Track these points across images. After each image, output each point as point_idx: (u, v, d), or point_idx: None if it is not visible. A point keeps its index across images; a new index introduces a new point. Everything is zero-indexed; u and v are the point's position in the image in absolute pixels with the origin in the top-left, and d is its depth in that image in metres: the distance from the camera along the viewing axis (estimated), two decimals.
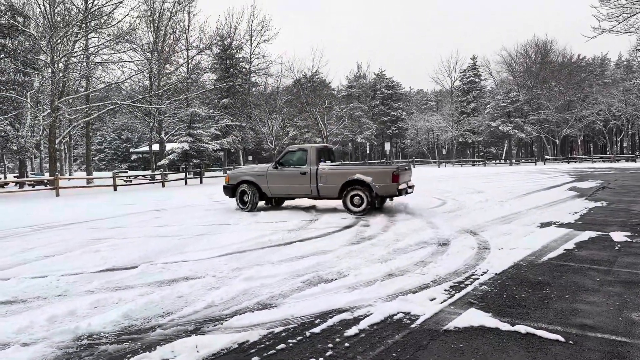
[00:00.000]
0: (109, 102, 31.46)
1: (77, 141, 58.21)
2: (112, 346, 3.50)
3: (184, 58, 38.42)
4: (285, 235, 8.09)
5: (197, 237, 8.26)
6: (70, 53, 27.20)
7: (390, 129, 68.52)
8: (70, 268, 6.06)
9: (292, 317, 4.03)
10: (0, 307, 4.54)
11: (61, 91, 26.40)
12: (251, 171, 12.97)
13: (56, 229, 10.03)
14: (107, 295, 4.77)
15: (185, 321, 4.02)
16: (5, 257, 6.97)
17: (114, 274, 5.73)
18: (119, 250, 7.20)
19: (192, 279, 5.37)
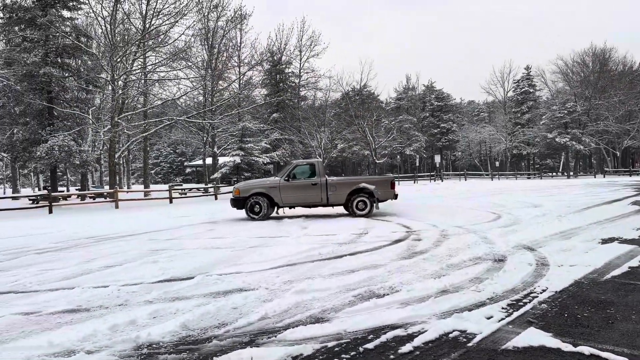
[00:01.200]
0: (165, 118, 32.72)
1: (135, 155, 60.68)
2: (170, 356, 3.60)
3: (236, 74, 39.49)
4: (335, 249, 8.09)
5: (250, 249, 8.40)
6: (130, 71, 28.52)
7: (440, 141, 67.46)
8: (130, 278, 6.30)
9: (344, 332, 4.02)
10: (66, 315, 4.76)
11: (121, 108, 27.69)
12: (263, 184, 14.51)
13: (116, 240, 10.47)
14: (165, 306, 4.92)
15: (240, 332, 4.09)
16: (70, 267, 7.33)
17: (171, 284, 5.91)
18: (176, 261, 7.43)
19: (245, 290, 5.46)
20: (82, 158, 25.76)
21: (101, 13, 28.35)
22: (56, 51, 26.74)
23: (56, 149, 24.36)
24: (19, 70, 24.64)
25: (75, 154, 25.24)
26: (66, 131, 26.10)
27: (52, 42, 26.41)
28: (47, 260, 8.07)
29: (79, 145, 26.32)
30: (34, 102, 25.71)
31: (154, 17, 27.76)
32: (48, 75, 25.29)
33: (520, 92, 65.75)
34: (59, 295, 5.49)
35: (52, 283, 6.23)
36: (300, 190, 14.21)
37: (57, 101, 27.33)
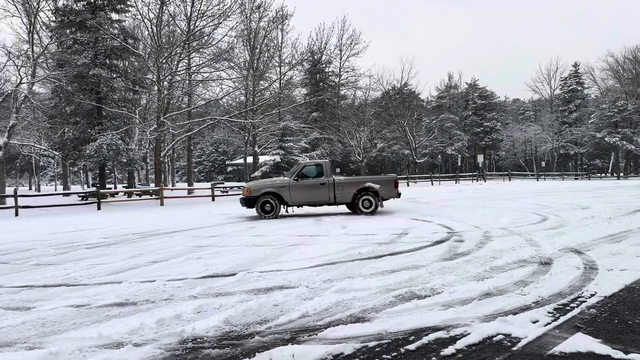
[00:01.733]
0: (208, 118, 33.40)
1: (179, 154, 62.18)
2: (214, 350, 3.68)
3: (277, 74, 39.84)
4: (375, 249, 8.06)
5: (290, 248, 8.47)
6: (175, 72, 29.26)
7: (483, 140, 66.03)
8: (175, 274, 6.47)
9: (385, 333, 4.00)
10: (115, 308, 4.94)
11: (166, 107, 28.44)
12: (273, 184, 15.02)
13: (162, 237, 10.77)
14: (208, 301, 5.04)
15: (281, 330, 4.14)
16: (118, 262, 7.60)
17: (214, 280, 6.03)
18: (218, 258, 7.58)
19: (286, 288, 5.52)
20: (129, 156, 26.61)
21: (148, 15, 29.22)
22: (105, 53, 27.72)
23: (105, 148, 25.27)
24: (70, 72, 25.68)
25: (123, 153, 26.10)
26: (114, 130, 27.03)
27: (101, 44, 27.40)
28: (97, 255, 8.40)
29: (126, 144, 27.20)
30: (84, 102, 26.75)
31: (198, 18, 28.40)
32: (97, 76, 26.25)
33: (568, 90, 63.57)
34: (108, 289, 5.71)
35: (102, 277, 6.48)
36: (309, 189, 14.83)
37: (106, 101, 28.34)
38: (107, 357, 3.53)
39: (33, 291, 5.78)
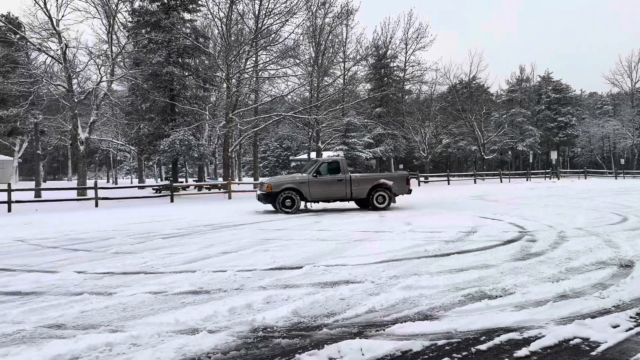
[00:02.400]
0: (274, 114, 34.02)
1: (245, 149, 63.84)
2: (284, 340, 3.78)
3: (341, 70, 39.89)
4: (442, 246, 7.92)
5: (354, 243, 8.50)
6: (243, 70, 30.02)
7: (557, 136, 62.80)
8: (244, 265, 6.68)
9: (455, 331, 3.94)
10: (189, 296, 5.17)
11: (234, 104, 29.27)
12: (293, 179, 15.48)
13: (230, 229, 11.14)
14: (277, 292, 5.17)
15: (348, 323, 4.17)
16: (191, 252, 7.95)
17: (281, 272, 6.17)
18: (285, 251, 7.75)
19: (352, 283, 5.55)
20: (200, 151, 27.66)
21: (218, 14, 30.14)
22: (177, 51, 28.91)
23: (177, 143, 26.40)
24: (145, 70, 27.00)
25: (194, 148, 27.16)
26: (186, 126, 28.18)
27: (174, 43, 28.59)
28: (171, 245, 8.82)
29: (197, 140, 28.29)
30: (158, 99, 28.06)
31: (265, 16, 28.96)
32: (170, 74, 27.44)
33: None
34: (183, 278, 5.98)
35: (176, 266, 6.80)
36: (327, 185, 15.28)
37: (178, 98, 29.57)
38: (183, 343, 3.70)
39: (114, 278, 6.17)
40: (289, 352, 3.55)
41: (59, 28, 24.44)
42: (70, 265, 7.06)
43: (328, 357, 3.44)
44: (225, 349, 3.62)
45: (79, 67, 27.30)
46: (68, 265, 7.00)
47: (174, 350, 3.55)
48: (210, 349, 3.60)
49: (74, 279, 6.04)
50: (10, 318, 4.44)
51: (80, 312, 4.62)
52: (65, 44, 24.38)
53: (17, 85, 26.05)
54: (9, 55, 28.89)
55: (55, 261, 7.44)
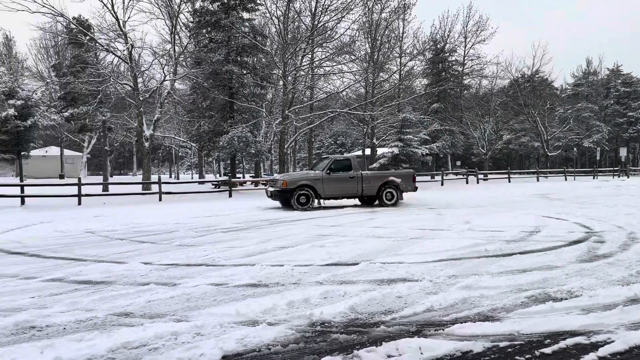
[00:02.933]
0: (329, 110, 34.13)
1: (300, 146, 64.44)
2: (342, 336, 3.81)
3: (397, 65, 39.42)
4: (503, 246, 7.69)
5: (411, 241, 8.41)
6: (299, 67, 30.29)
7: (626, 132, 59.28)
8: (301, 260, 6.77)
9: (517, 334, 3.82)
10: (249, 289, 5.30)
11: (290, 101, 29.60)
12: (307, 176, 15.62)
13: (287, 224, 11.31)
14: (333, 288, 5.20)
15: (406, 321, 4.14)
16: (249, 246, 8.14)
17: (338, 268, 6.21)
18: (340, 247, 7.78)
19: (409, 281, 5.50)
20: (257, 148, 28.21)
21: (275, 13, 30.51)
22: (236, 50, 29.57)
23: (236, 140, 27.04)
24: (206, 69, 27.81)
25: (252, 144, 27.72)
26: (244, 123, 28.79)
27: (233, 42, 29.27)
28: (231, 239, 9.07)
29: (254, 136, 28.85)
30: (218, 97, 28.83)
31: (322, 13, 29.04)
32: (229, 72, 28.12)
33: None
34: (242, 271, 6.14)
35: (236, 259, 6.99)
36: (340, 182, 15.54)
37: (237, 96, 30.25)
38: (244, 334, 3.81)
39: (178, 269, 6.42)
40: (347, 348, 3.58)
41: (125, 29, 25.60)
42: (137, 256, 7.41)
43: (386, 354, 3.44)
44: (284, 341, 3.69)
45: (143, 66, 28.48)
46: (135, 257, 7.35)
47: (235, 341, 3.65)
48: (270, 341, 3.68)
49: (141, 270, 6.33)
50: (83, 305, 4.71)
51: (147, 301, 4.85)
52: (131, 45, 25.50)
53: (87, 84, 27.52)
54: (80, 55, 30.57)
55: (123, 252, 7.84)
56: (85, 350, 3.52)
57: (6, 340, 3.77)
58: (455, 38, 46.59)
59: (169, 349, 3.57)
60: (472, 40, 46.16)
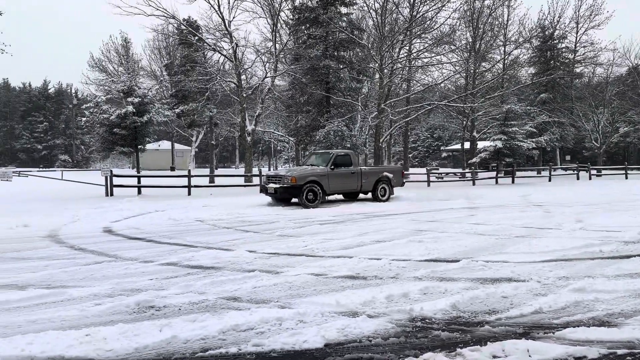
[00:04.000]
0: (426, 103, 33.38)
1: (395, 139, 63.76)
2: (444, 333, 3.75)
3: (500, 54, 37.54)
4: (620, 247, 7.08)
5: (516, 239, 8.02)
6: (396, 59, 29.94)
7: None
8: (398, 254, 6.74)
9: (637, 341, 3.52)
10: (348, 280, 5.38)
11: (386, 95, 29.37)
12: (314, 172, 14.84)
13: (382, 218, 11.29)
14: (433, 284, 5.12)
15: (512, 322, 3.98)
16: (346, 239, 8.24)
17: (437, 264, 6.10)
18: (439, 243, 7.62)
19: (515, 281, 5.26)
20: (352, 142, 28.33)
21: (373, 5, 30.41)
22: (334, 45, 29.86)
23: (332, 134, 27.36)
24: (304, 65, 28.41)
25: (347, 138, 27.90)
26: (340, 117, 29.06)
27: (330, 37, 29.59)
28: (328, 231, 9.24)
29: (350, 130, 29.01)
30: (315, 92, 29.35)
31: (421, 4, 28.43)
32: (326, 67, 28.48)
33: None
34: (341, 262, 6.24)
35: (334, 251, 7.12)
36: (343, 178, 15.20)
37: (333, 91, 30.57)
38: (345, 324, 3.88)
39: (280, 258, 6.67)
40: (449, 345, 3.52)
41: (230, 29, 26.87)
42: (242, 244, 7.82)
43: (491, 354, 3.33)
44: (384, 334, 3.71)
45: (246, 64, 29.74)
46: (241, 245, 7.76)
47: (337, 330, 3.74)
48: (371, 333, 3.72)
49: (246, 258, 6.67)
50: (196, 288, 5.07)
51: (253, 287, 5.11)
52: (236, 44, 26.72)
53: (196, 82, 29.33)
54: (189, 55, 32.61)
55: (230, 240, 8.30)
56: (199, 330, 3.79)
57: (130, 318, 4.17)
58: (566, 24, 43.28)
59: (274, 333, 3.73)
60: (584, 26, 42.62)
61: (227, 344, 3.54)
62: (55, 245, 8.02)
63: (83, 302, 4.57)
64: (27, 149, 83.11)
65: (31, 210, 13.64)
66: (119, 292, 4.93)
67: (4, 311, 4.34)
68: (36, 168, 62.76)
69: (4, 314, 4.25)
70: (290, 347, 3.47)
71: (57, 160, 77.22)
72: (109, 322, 4.02)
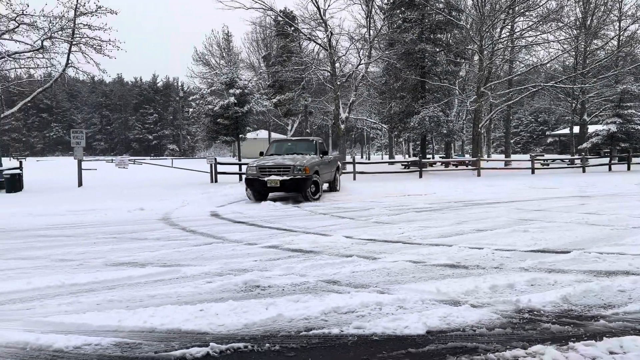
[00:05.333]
0: (530, 85, 31.45)
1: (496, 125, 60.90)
2: (554, 326, 3.56)
3: (615, 30, 34.29)
4: None
5: (634, 230, 7.36)
6: (497, 40, 28.49)
7: None
8: (501, 244, 6.47)
9: None
10: (447, 269, 5.27)
11: (486, 77, 28.08)
12: (314, 161, 12.84)
13: (483, 206, 10.88)
14: (541, 275, 4.87)
15: (631, 318, 3.68)
16: (444, 227, 8.07)
17: (544, 255, 5.78)
18: (546, 233, 7.20)
19: (633, 274, 4.85)
20: (449, 127, 27.55)
21: None
22: (430, 28, 29.08)
23: (427, 120, 26.80)
24: (399, 49, 27.97)
25: (443, 124, 27.18)
26: (435, 103, 28.32)
27: (426, 20, 28.83)
28: (424, 219, 9.10)
29: (446, 116, 28.21)
30: (410, 77, 28.82)
31: None
32: (422, 51, 27.83)
33: None
34: (439, 250, 6.13)
35: (432, 239, 7.00)
36: (327, 167, 13.98)
37: (429, 75, 29.85)
38: (447, 312, 3.82)
39: (376, 244, 6.70)
40: (560, 339, 3.34)
41: (325, 17, 27.09)
42: (339, 230, 7.94)
43: (608, 350, 3.11)
44: (489, 325, 3.61)
45: (340, 52, 29.87)
46: (337, 230, 7.89)
47: (438, 318, 3.70)
48: (474, 323, 3.63)
49: (344, 243, 6.78)
50: (297, 271, 5.25)
51: (351, 272, 5.18)
52: (330, 32, 26.91)
53: (292, 72, 30.01)
54: (286, 46, 33.45)
55: (326, 226, 8.47)
56: (302, 310, 3.93)
57: (238, 296, 4.42)
58: None
59: (375, 317, 3.77)
60: None
61: (329, 325, 3.64)
62: (169, 227, 8.69)
63: (196, 280, 4.93)
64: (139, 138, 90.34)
65: (146, 195, 14.86)
66: (228, 272, 5.24)
67: (127, 286, 4.79)
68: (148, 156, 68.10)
69: (128, 289, 4.69)
70: (391, 332, 3.49)
71: (166, 149, 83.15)
72: (219, 299, 4.29)
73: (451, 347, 3.24)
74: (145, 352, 3.21)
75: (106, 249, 6.73)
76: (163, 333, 3.54)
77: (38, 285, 4.76)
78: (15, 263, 5.87)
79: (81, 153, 18.56)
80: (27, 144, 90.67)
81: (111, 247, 6.82)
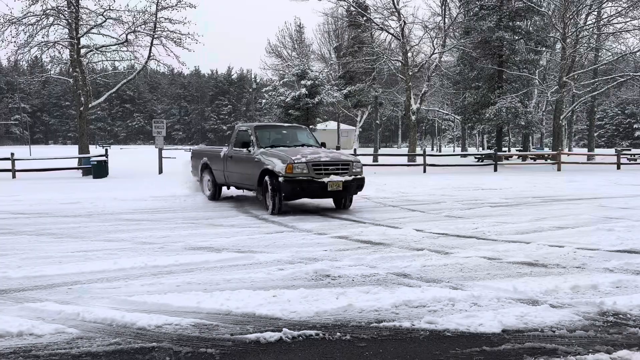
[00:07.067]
0: (618, 75, 29.34)
1: (578, 117, 57.41)
2: None
3: None
4: None
5: None
6: (582, 27, 26.78)
7: None
8: (584, 243, 6.12)
9: None
10: (525, 267, 5.06)
11: (569, 67, 26.51)
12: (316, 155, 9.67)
13: (563, 203, 10.35)
14: (628, 277, 4.56)
15: None
16: (521, 223, 7.75)
17: (631, 256, 5.41)
18: (634, 232, 6.73)
19: None
20: (527, 119, 26.33)
21: None
22: (509, 15, 27.79)
23: (504, 111, 25.75)
24: (475, 38, 27.00)
25: (521, 115, 26.01)
26: (513, 93, 27.13)
27: (505, 7, 27.58)
28: (500, 214, 8.78)
29: (524, 107, 26.97)
30: (486, 66, 27.76)
31: None
32: (500, 39, 26.68)
33: None
34: (516, 247, 5.90)
35: (508, 235, 6.75)
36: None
37: (506, 64, 28.59)
38: (524, 312, 3.68)
39: (448, 239, 6.55)
40: None
41: (399, 6, 26.64)
42: (409, 223, 7.84)
43: None
44: (570, 326, 3.44)
45: (413, 41, 29.28)
46: (408, 223, 7.79)
47: (515, 317, 3.56)
48: (554, 324, 3.47)
49: (414, 236, 6.69)
50: (367, 262, 5.25)
51: (422, 265, 5.11)
52: (404, 21, 26.45)
53: (363, 63, 29.83)
54: (357, 36, 33.22)
55: (396, 218, 8.40)
56: (373, 302, 3.93)
57: (309, 284, 4.49)
58: None
59: (447, 313, 3.70)
60: None
61: (400, 318, 3.61)
62: (243, 215, 8.97)
63: (268, 267, 5.06)
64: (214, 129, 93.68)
65: None
66: (298, 260, 5.34)
67: (205, 270, 5.01)
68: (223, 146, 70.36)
69: (205, 273, 4.90)
70: (464, 329, 3.41)
71: None
72: (291, 286, 4.39)
73: (529, 347, 3.12)
74: (221, 333, 3.35)
75: (185, 233, 7.07)
76: (238, 316, 3.67)
77: (123, 266, 5.08)
78: (102, 244, 6.30)
79: (162, 142, 19.54)
80: (111, 133, 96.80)
81: (189, 232, 7.15)
